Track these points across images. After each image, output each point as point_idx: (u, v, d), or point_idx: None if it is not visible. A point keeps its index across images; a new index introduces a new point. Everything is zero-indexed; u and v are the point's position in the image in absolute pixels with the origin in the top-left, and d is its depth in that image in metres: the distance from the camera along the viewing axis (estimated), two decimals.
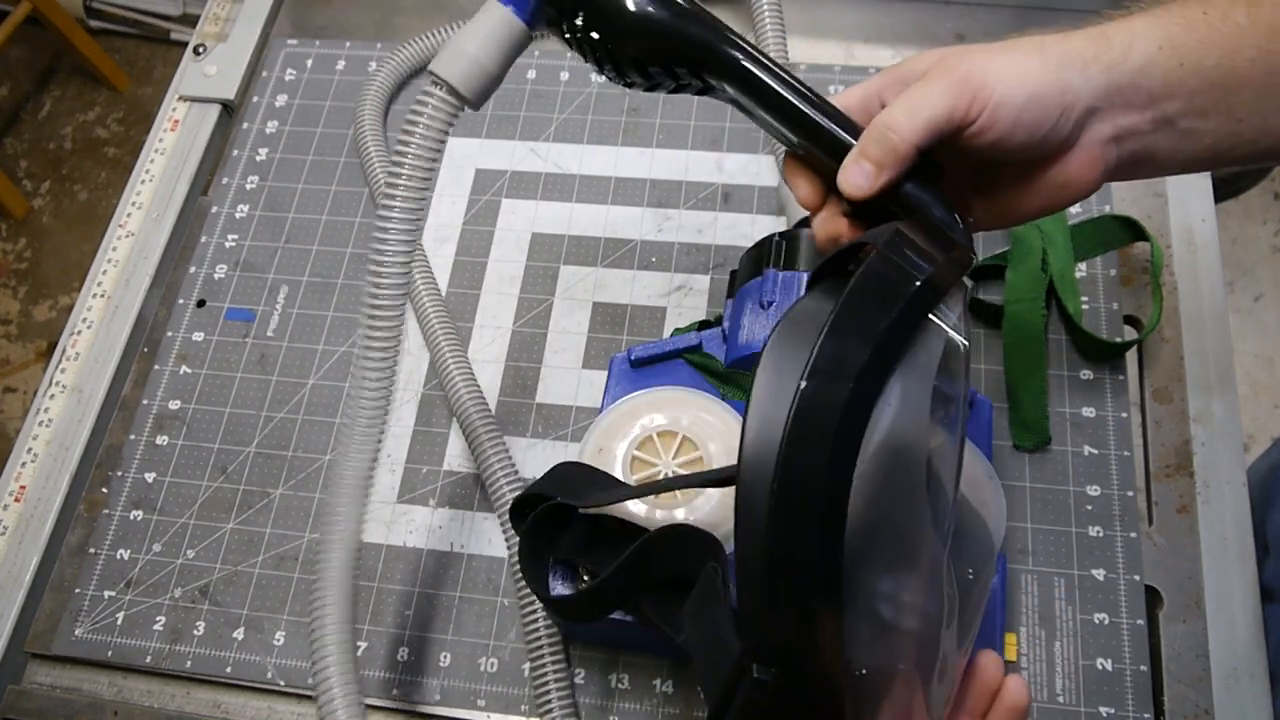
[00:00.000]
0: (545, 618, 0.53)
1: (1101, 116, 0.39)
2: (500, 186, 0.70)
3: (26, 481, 0.62)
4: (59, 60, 1.96)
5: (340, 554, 0.46)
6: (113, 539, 0.60)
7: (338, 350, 0.65)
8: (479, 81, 0.40)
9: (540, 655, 0.53)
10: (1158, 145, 0.40)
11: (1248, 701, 0.51)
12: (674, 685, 0.54)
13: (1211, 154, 0.40)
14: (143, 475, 0.62)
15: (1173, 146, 0.40)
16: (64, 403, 0.65)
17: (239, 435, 0.63)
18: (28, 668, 0.58)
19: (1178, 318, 0.61)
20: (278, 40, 0.78)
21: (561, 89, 0.73)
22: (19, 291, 1.77)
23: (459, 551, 0.58)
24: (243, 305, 0.67)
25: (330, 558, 0.46)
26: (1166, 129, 0.39)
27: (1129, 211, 0.63)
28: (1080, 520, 0.56)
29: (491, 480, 0.57)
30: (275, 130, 0.73)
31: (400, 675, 0.55)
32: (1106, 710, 0.51)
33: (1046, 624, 0.53)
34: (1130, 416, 0.58)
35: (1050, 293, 0.60)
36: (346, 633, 0.46)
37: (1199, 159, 0.40)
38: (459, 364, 0.61)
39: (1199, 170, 0.42)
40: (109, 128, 1.90)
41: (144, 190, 0.72)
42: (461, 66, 0.39)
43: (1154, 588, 0.54)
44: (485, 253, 0.67)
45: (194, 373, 0.65)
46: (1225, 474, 0.57)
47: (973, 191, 0.43)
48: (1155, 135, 0.39)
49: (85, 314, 0.68)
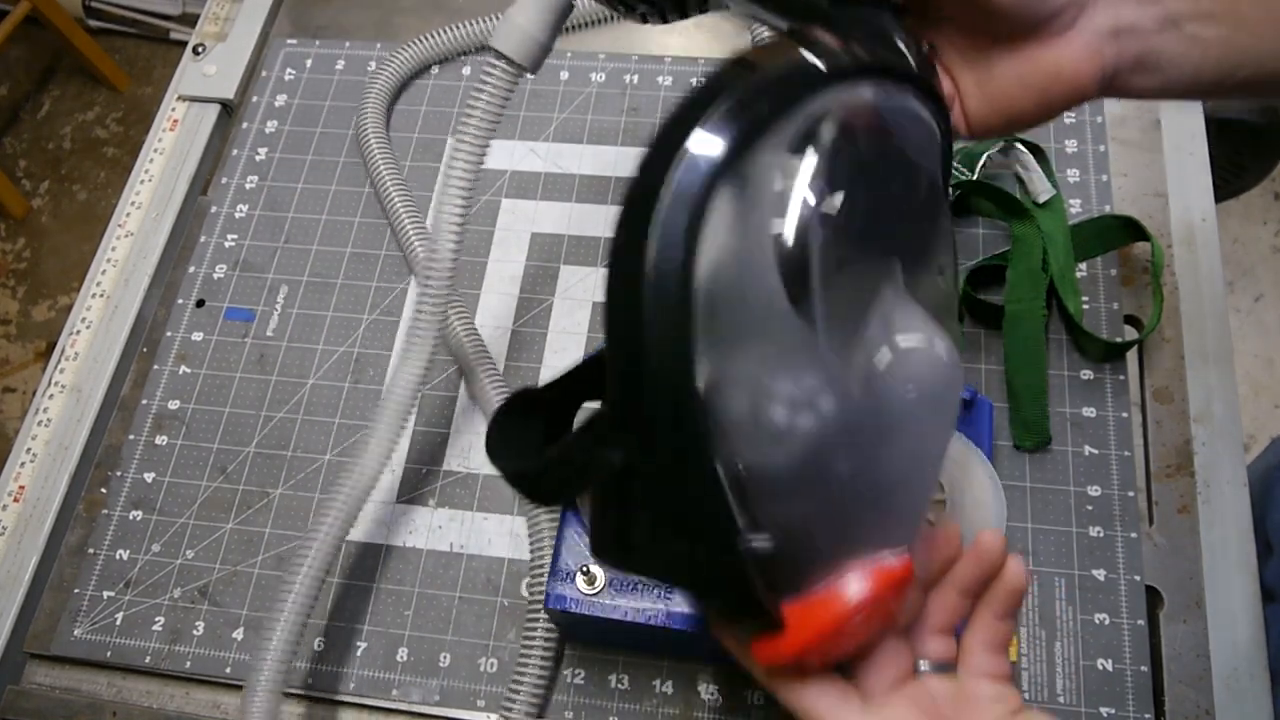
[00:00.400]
0: (546, 622, 0.53)
1: (1101, 5, 0.38)
2: (500, 186, 0.70)
3: (26, 481, 0.62)
4: (58, 60, 1.96)
5: (362, 478, 0.52)
6: (112, 539, 0.60)
7: (337, 350, 0.65)
8: (533, 51, 0.45)
9: (529, 657, 0.53)
10: (1162, 50, 0.38)
11: (1248, 701, 0.51)
12: (674, 685, 0.54)
13: (1216, 70, 0.38)
14: (142, 475, 0.62)
15: (1177, 53, 0.38)
16: (63, 403, 0.65)
17: (238, 435, 0.63)
18: (27, 668, 0.58)
19: (1178, 318, 0.61)
20: (277, 40, 0.78)
21: (561, 89, 0.72)
22: (18, 291, 1.77)
23: (459, 551, 0.58)
24: (242, 305, 0.67)
25: (353, 479, 0.52)
26: (1171, 31, 0.38)
27: (1129, 211, 0.63)
28: (1080, 520, 0.56)
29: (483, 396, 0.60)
30: (275, 130, 0.73)
31: (400, 675, 0.55)
32: (1107, 710, 0.51)
33: (1047, 624, 0.53)
34: (1130, 416, 0.58)
35: (1050, 293, 0.60)
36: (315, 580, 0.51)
37: (1203, 76, 0.39)
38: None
39: (1204, 93, 0.41)
40: (108, 128, 1.90)
41: (143, 190, 0.72)
42: (516, 40, 0.44)
43: (1154, 588, 0.54)
44: (485, 253, 0.67)
45: (193, 373, 0.65)
46: (1226, 474, 0.57)
47: (963, 73, 0.41)
48: (1159, 37, 0.38)
49: (84, 314, 0.68)
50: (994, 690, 0.36)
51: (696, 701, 0.53)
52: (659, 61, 0.73)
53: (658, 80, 0.72)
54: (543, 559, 0.55)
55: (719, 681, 0.53)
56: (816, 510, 0.33)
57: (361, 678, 0.55)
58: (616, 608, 0.47)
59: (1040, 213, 0.61)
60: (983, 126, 0.42)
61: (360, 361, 0.64)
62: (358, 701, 0.55)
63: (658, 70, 0.73)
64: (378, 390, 0.63)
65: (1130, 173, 0.66)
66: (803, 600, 0.34)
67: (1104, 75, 0.39)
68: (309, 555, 0.51)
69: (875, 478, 0.34)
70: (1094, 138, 0.66)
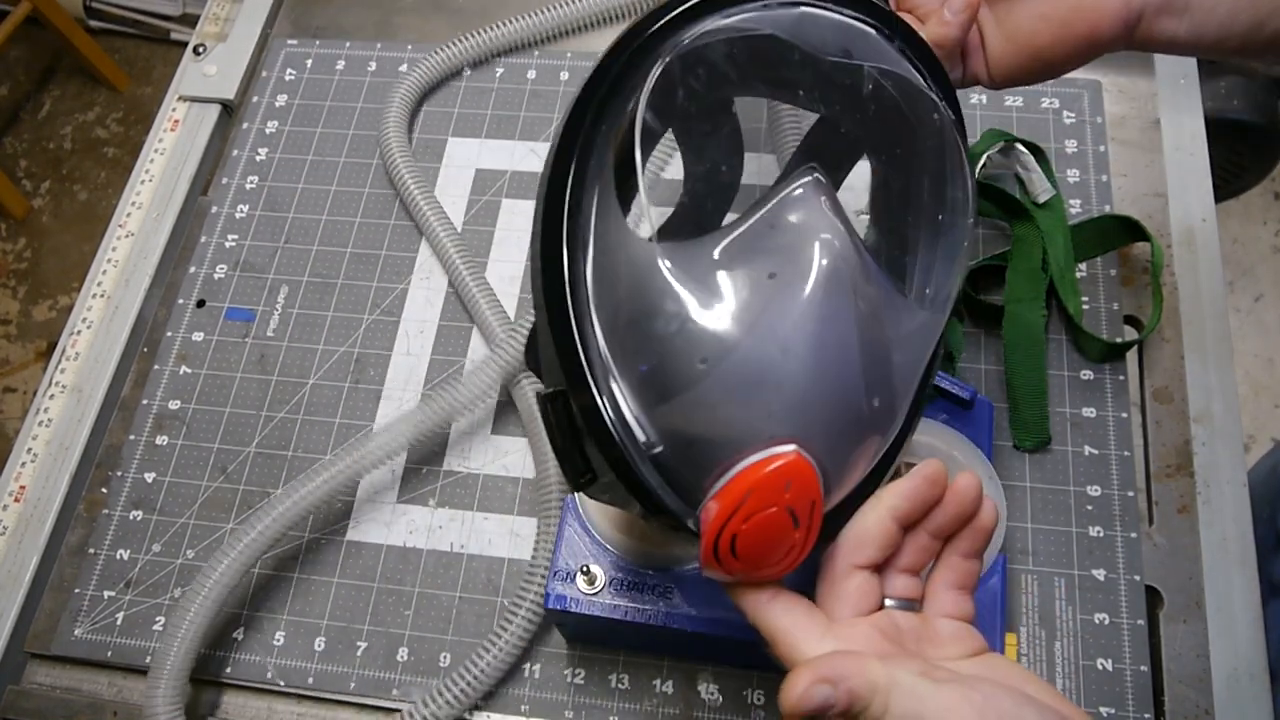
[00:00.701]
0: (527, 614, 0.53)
1: None
2: (500, 187, 0.70)
3: (26, 481, 0.62)
4: (59, 60, 1.96)
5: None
6: (112, 539, 0.60)
7: (338, 350, 0.65)
8: None
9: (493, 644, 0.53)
10: None
11: (1248, 701, 0.51)
12: (674, 685, 0.54)
13: (1250, 17, 0.38)
14: (142, 475, 0.62)
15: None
16: (64, 403, 0.65)
17: (239, 435, 0.63)
18: (27, 668, 0.58)
19: (1178, 318, 0.61)
20: (277, 40, 0.78)
21: (561, 89, 0.73)
22: (19, 291, 1.77)
23: (459, 551, 0.58)
24: (243, 305, 0.67)
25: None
26: None
27: (1129, 211, 0.63)
28: (1080, 520, 0.56)
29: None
30: (275, 130, 0.73)
31: (400, 675, 0.55)
32: (1107, 710, 0.51)
33: (1047, 624, 0.53)
34: (1130, 416, 0.58)
35: (1050, 293, 0.60)
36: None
37: (1236, 21, 0.38)
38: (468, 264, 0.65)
39: (1233, 48, 0.40)
40: (109, 128, 1.90)
41: (144, 190, 0.72)
42: None
43: (1154, 588, 0.54)
44: (486, 252, 0.67)
45: (194, 373, 0.65)
46: (1225, 474, 0.57)
47: (987, 9, 0.41)
48: None
49: (85, 314, 0.68)
50: (955, 628, 0.36)
51: (696, 701, 0.53)
52: None
53: None
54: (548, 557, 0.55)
55: (719, 681, 0.53)
56: (701, 412, 0.34)
57: (362, 677, 0.55)
58: (616, 608, 0.47)
59: (1040, 213, 0.61)
60: (1005, 69, 0.41)
61: (360, 362, 0.64)
62: (358, 701, 0.55)
63: None
64: (378, 390, 0.63)
65: (1130, 173, 0.66)
66: (709, 500, 0.35)
67: (1129, 10, 0.38)
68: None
69: (746, 370, 0.34)
70: (1094, 138, 0.66)
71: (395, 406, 0.63)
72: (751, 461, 0.34)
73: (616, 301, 0.35)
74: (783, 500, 0.34)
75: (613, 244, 0.35)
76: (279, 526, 0.54)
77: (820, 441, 0.35)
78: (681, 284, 0.34)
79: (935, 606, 0.37)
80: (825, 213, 0.35)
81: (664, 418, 0.34)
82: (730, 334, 0.34)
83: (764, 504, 0.34)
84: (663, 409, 0.34)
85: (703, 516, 0.35)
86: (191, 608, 0.52)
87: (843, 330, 0.34)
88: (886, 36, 0.39)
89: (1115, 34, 0.39)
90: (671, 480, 0.35)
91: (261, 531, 0.54)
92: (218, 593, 0.53)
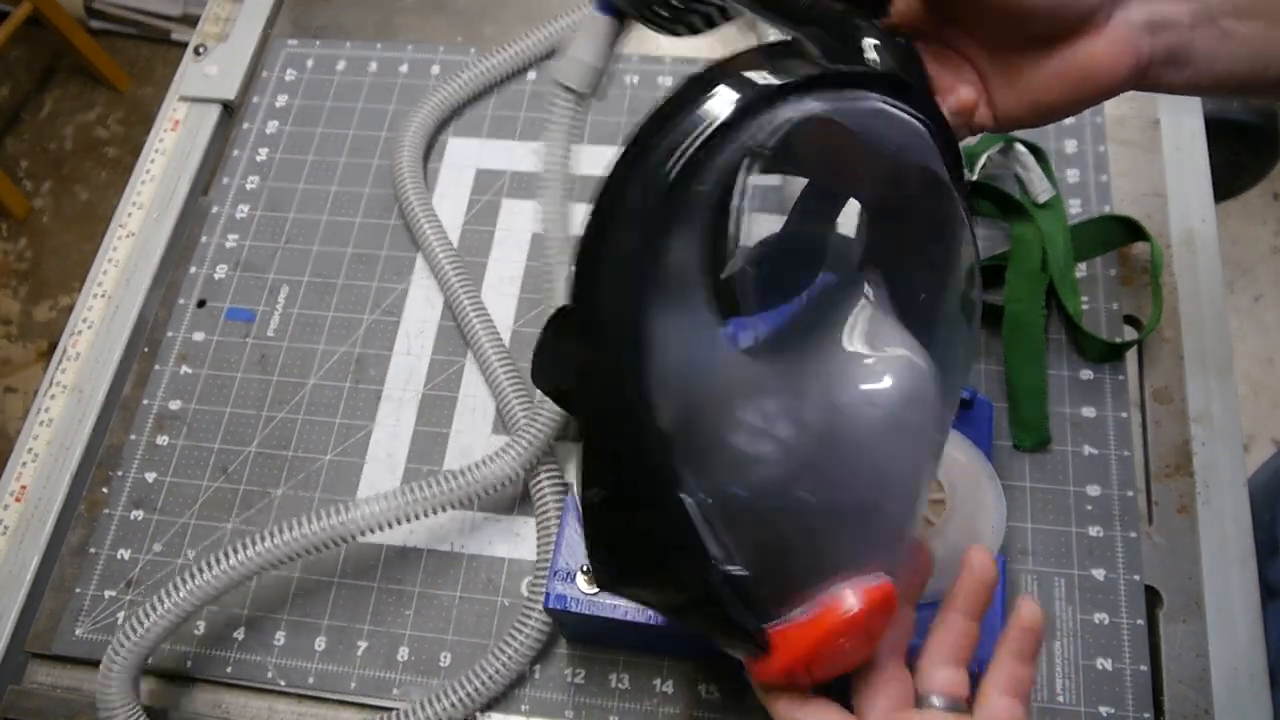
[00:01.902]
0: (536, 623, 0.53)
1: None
2: (500, 187, 0.70)
3: (27, 481, 0.63)
4: (59, 60, 1.96)
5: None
6: (113, 539, 0.60)
7: (338, 350, 0.65)
8: (593, 78, 0.50)
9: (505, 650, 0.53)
10: (1195, 44, 0.38)
11: (1248, 701, 0.51)
12: (674, 685, 0.54)
13: (1249, 67, 0.38)
14: (143, 475, 0.62)
15: (1211, 49, 0.38)
16: (64, 403, 0.65)
17: (239, 435, 0.63)
18: (28, 667, 0.58)
19: (1178, 318, 0.61)
20: (278, 40, 0.78)
21: None
22: (19, 291, 1.77)
23: (459, 551, 0.58)
24: (243, 305, 0.67)
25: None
26: (1206, 26, 0.38)
27: (1129, 211, 0.63)
28: (1080, 520, 0.56)
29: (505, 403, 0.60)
30: (276, 130, 0.73)
31: (400, 675, 0.55)
32: (1106, 710, 0.51)
33: (1046, 624, 0.53)
34: (1130, 416, 0.58)
35: (1050, 293, 0.60)
36: None
37: (1236, 70, 0.39)
38: (468, 293, 0.64)
39: (1235, 90, 0.40)
40: (109, 128, 1.91)
41: (144, 190, 0.72)
42: (579, 72, 0.50)
43: (1154, 588, 0.54)
44: (485, 253, 0.67)
45: (194, 373, 0.65)
46: (1225, 474, 0.57)
47: (993, 70, 0.41)
48: (1194, 32, 0.38)
49: (86, 314, 0.68)
50: None
51: (696, 701, 0.53)
52: (659, 63, 0.73)
53: (658, 81, 0.72)
54: (548, 557, 0.55)
55: (719, 681, 0.54)
56: (787, 535, 0.34)
57: (362, 677, 0.55)
58: (616, 608, 0.47)
59: (1040, 213, 0.61)
60: (1011, 120, 0.41)
61: (361, 362, 0.64)
62: (358, 701, 0.55)
63: (658, 71, 0.73)
64: (378, 390, 0.63)
65: (1130, 173, 0.66)
66: (787, 622, 0.34)
67: (1137, 70, 0.38)
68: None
69: (842, 499, 0.34)
70: (1094, 138, 0.66)
71: (395, 407, 0.63)
72: (846, 589, 0.34)
73: (695, 409, 0.33)
74: (872, 628, 0.34)
75: (698, 344, 0.33)
76: (241, 574, 0.52)
77: (897, 558, 0.35)
78: (781, 405, 0.33)
79: (986, 712, 0.35)
80: (902, 331, 0.36)
81: (748, 536, 0.33)
82: (837, 465, 0.33)
83: (857, 634, 0.34)
84: (750, 529, 0.33)
85: (778, 637, 0.34)
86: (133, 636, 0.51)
87: (924, 457, 0.35)
88: (931, 132, 0.37)
89: (1123, 89, 0.39)
90: (744, 597, 0.34)
91: (217, 575, 0.51)
92: (166, 623, 0.51)
